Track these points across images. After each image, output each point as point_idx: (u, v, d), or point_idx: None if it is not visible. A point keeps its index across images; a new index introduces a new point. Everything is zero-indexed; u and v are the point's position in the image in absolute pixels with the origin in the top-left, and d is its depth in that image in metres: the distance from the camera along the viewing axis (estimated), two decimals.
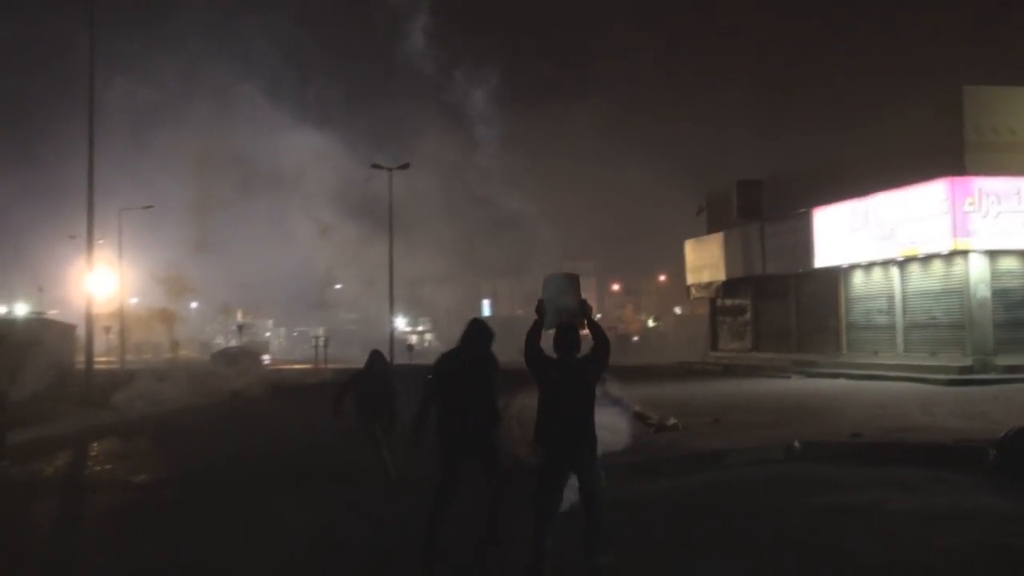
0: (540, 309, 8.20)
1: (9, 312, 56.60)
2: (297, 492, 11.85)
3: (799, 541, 8.78)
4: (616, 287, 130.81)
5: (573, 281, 8.39)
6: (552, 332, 8.14)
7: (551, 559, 7.70)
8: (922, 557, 8.01)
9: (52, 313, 56.26)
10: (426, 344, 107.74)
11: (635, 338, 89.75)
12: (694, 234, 43.31)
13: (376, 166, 50.83)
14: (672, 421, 16.58)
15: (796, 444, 13.86)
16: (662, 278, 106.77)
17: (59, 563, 8.61)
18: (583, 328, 8.23)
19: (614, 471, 12.09)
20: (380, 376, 12.50)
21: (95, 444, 16.89)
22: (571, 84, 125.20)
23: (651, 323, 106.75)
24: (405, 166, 51.52)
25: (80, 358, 26.93)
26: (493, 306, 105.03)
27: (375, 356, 12.93)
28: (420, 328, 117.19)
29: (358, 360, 12.99)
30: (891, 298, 29.41)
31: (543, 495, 7.80)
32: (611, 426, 12.21)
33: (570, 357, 7.99)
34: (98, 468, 14.38)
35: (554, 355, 8.04)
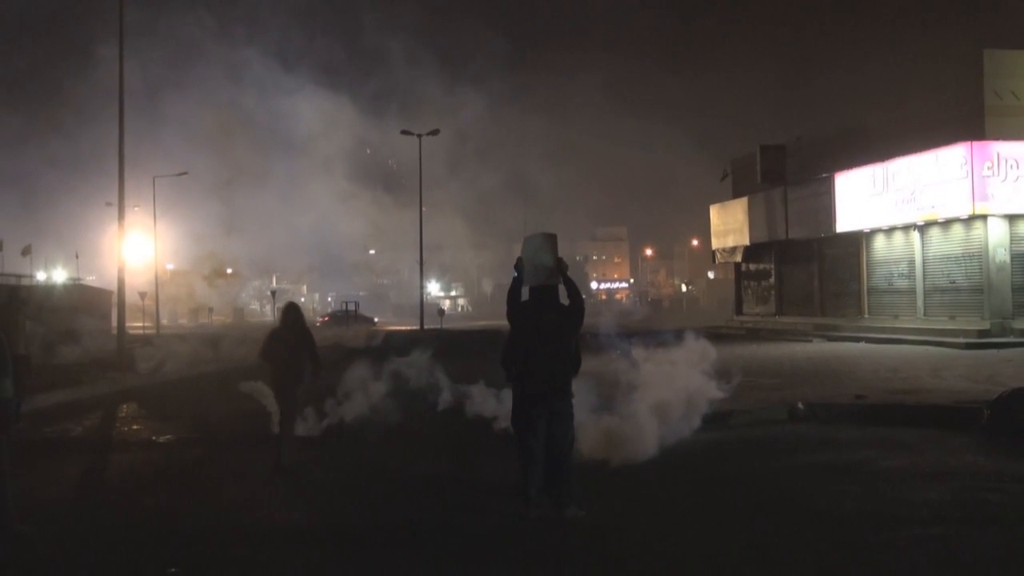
0: (519, 267, 8.66)
1: (48, 278, 57.67)
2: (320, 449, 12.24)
3: (781, 496, 9.09)
4: (649, 252, 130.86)
5: (551, 240, 8.78)
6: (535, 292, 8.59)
7: (537, 506, 8.18)
8: (896, 510, 8.30)
9: (90, 279, 57.21)
10: (459, 309, 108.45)
11: (666, 303, 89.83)
12: (720, 199, 43.39)
13: (406, 132, 50.98)
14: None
15: (799, 405, 14.20)
16: (695, 243, 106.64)
17: (75, 515, 9.03)
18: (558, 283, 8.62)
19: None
20: (298, 331, 11.33)
21: (124, 406, 17.26)
22: (598, 50, 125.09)
23: (684, 288, 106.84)
24: (435, 132, 51.60)
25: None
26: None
27: (288, 309, 11.76)
28: (453, 293, 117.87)
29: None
30: (911, 262, 29.55)
31: (523, 443, 8.27)
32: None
33: (546, 314, 8.43)
34: (125, 429, 14.77)
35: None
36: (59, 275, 61.45)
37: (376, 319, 64.11)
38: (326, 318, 62.65)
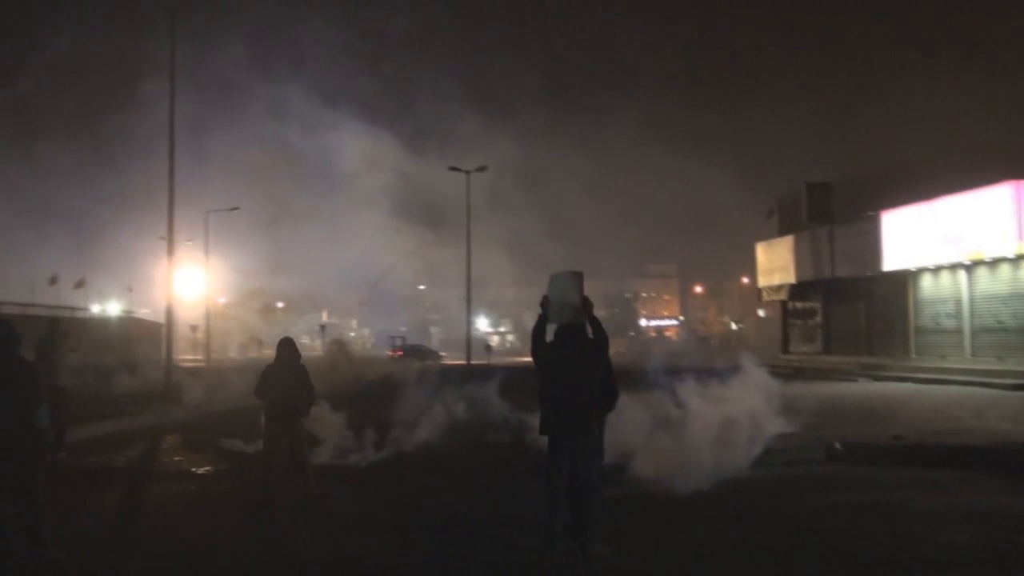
0: (544, 304, 8.72)
1: (101, 311, 58.59)
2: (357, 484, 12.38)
3: (814, 536, 9.11)
4: (699, 289, 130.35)
5: (577, 279, 8.82)
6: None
7: (561, 540, 8.23)
8: (925, 552, 8.31)
9: (143, 312, 58.14)
10: (507, 345, 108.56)
11: (713, 341, 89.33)
12: (767, 237, 43.31)
13: (454, 168, 51.33)
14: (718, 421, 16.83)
15: (836, 445, 14.10)
16: (744, 280, 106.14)
17: (111, 544, 9.19)
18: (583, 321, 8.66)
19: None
20: (294, 366, 11.22)
21: (167, 437, 17.50)
22: (639, 87, 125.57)
23: (733, 325, 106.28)
24: (483, 168, 51.93)
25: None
26: None
27: (283, 345, 11.55)
28: (502, 329, 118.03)
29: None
30: (959, 302, 29.32)
31: (551, 480, 8.33)
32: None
33: (570, 352, 8.48)
34: (166, 460, 14.99)
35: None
36: (113, 308, 62.37)
37: (443, 354, 64.70)
38: (400, 352, 63.34)
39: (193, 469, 13.69)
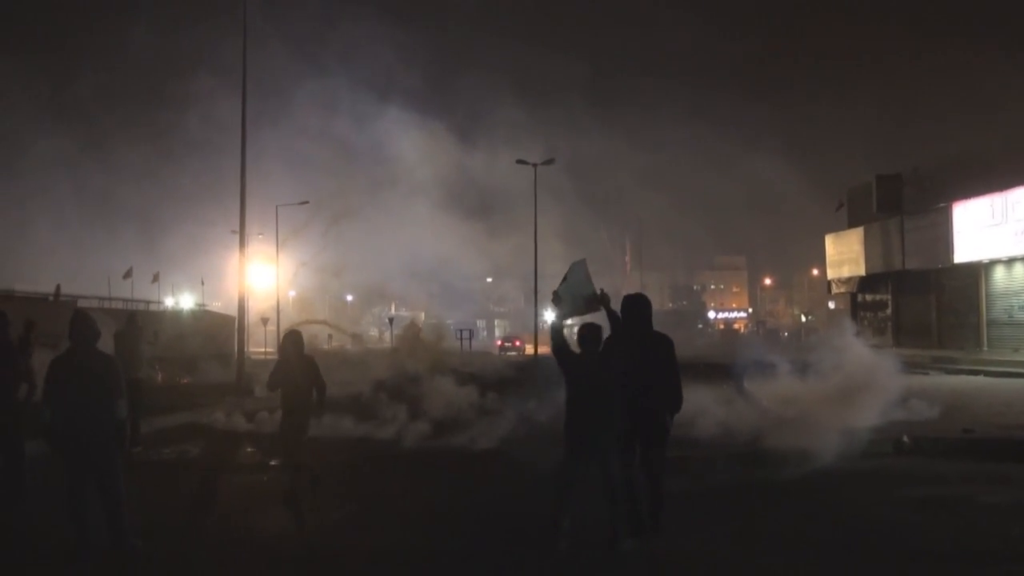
0: (557, 299, 8.76)
1: (175, 304, 59.62)
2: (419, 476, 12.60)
3: (877, 528, 9.12)
4: (768, 281, 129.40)
5: (583, 267, 8.86)
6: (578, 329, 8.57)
7: (571, 538, 8.24)
8: (994, 546, 8.29)
9: (215, 305, 58.99)
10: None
11: (785, 333, 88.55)
12: (836, 229, 42.98)
13: (521, 161, 51.31)
14: (788, 414, 16.80)
15: (905, 439, 13.96)
16: (814, 272, 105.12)
17: (186, 533, 9.42)
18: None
19: (723, 461, 12.76)
20: (300, 359, 10.91)
21: (239, 431, 17.65)
22: (708, 80, 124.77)
23: (803, 318, 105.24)
24: (550, 162, 51.85)
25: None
26: None
27: (287, 337, 11.40)
28: (568, 321, 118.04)
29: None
30: None
31: (563, 480, 8.35)
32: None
33: (592, 351, 8.44)
34: (238, 451, 15.23)
35: (578, 349, 8.50)
36: (186, 301, 63.38)
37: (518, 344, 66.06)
38: (501, 343, 67.76)
39: (267, 460, 13.93)
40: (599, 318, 8.84)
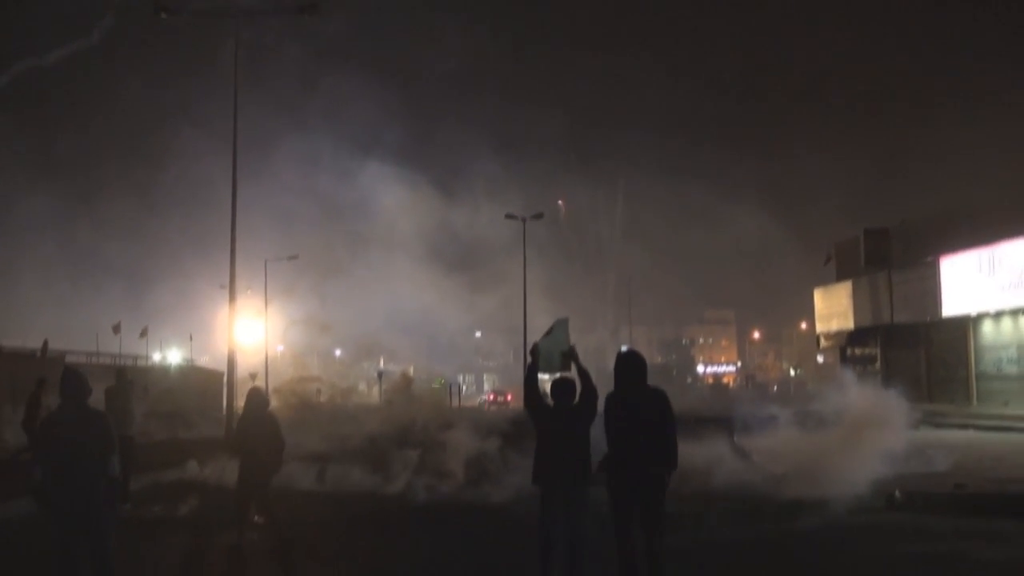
0: (535, 353, 8.78)
1: (163, 359, 59.51)
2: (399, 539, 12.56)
3: None
4: (757, 335, 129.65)
5: (563, 326, 8.94)
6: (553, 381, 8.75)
7: None
8: None
9: (203, 360, 58.90)
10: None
11: (774, 387, 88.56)
12: (824, 282, 43.25)
13: (510, 216, 51.48)
14: (780, 470, 16.81)
15: (897, 494, 13.92)
16: (803, 326, 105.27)
17: None
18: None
19: (716, 516, 12.75)
20: (262, 418, 11.26)
21: (228, 488, 17.57)
22: (698, 134, 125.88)
23: (792, 372, 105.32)
24: (539, 216, 52.09)
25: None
26: None
27: (251, 396, 11.62)
28: (558, 375, 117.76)
29: None
30: (1021, 347, 29.05)
31: (542, 534, 8.35)
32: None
33: (564, 404, 8.53)
34: (226, 507, 15.15)
35: (551, 403, 8.61)
36: (174, 356, 63.28)
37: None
38: (493, 396, 67.56)
39: (253, 518, 13.85)
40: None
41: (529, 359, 8.90)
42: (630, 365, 8.40)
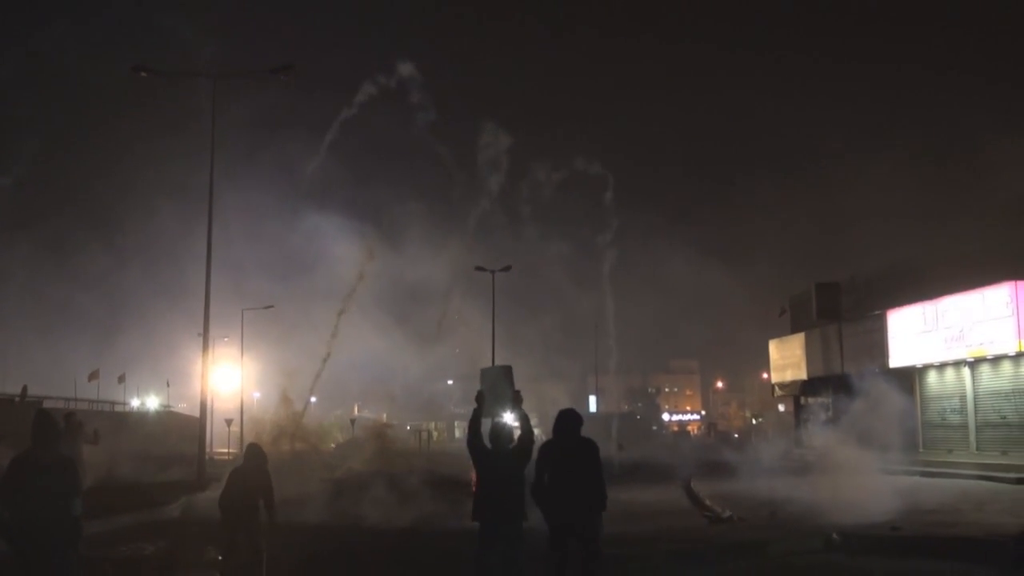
0: (480, 399, 9.65)
1: (141, 405, 59.90)
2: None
3: None
4: (720, 384, 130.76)
5: (507, 373, 9.80)
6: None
7: None
8: None
9: (180, 407, 59.27)
10: (536, 437, 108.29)
11: (736, 435, 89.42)
12: (781, 334, 44.17)
13: (480, 268, 52.23)
14: (728, 513, 17.64)
15: (835, 536, 14.51)
16: (764, 376, 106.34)
17: None
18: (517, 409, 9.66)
19: (661, 557, 13.56)
20: (257, 474, 11.74)
21: (195, 527, 17.44)
22: (654, 187, 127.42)
23: (754, 420, 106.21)
24: (507, 268, 52.89)
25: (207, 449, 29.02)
26: (600, 402, 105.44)
27: (251, 450, 12.32)
28: (495, 419, 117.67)
29: None
30: (963, 398, 30.01)
31: (479, 566, 9.21)
32: None
33: (502, 448, 9.44)
34: (191, 549, 15.22)
35: (489, 445, 9.47)
36: (151, 402, 63.62)
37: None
38: None
39: (219, 557, 14.37)
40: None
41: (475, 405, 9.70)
42: (568, 419, 9.55)
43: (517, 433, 9.65)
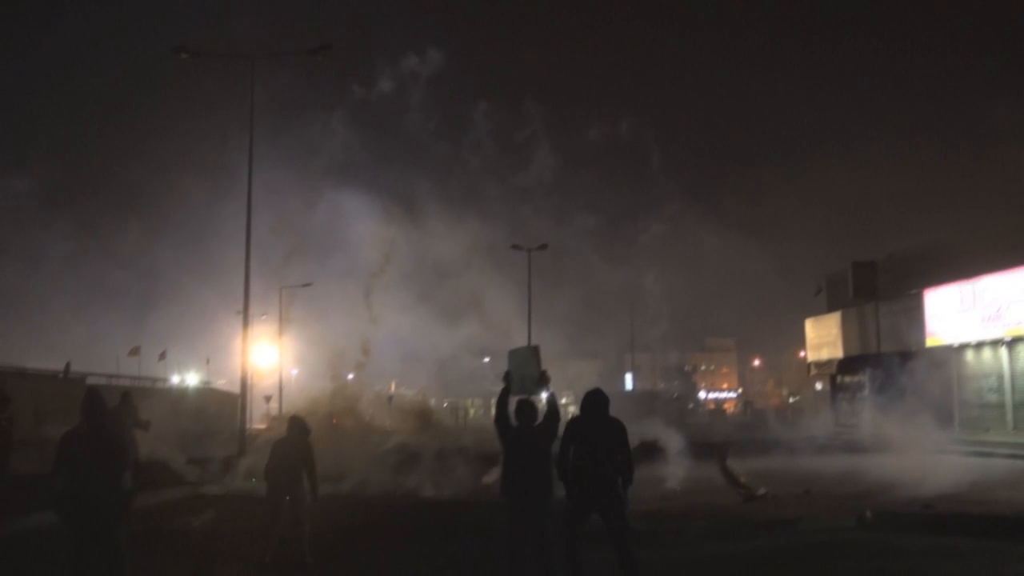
0: (507, 378, 9.80)
1: (181, 382, 60.62)
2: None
3: None
4: (757, 363, 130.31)
5: (535, 353, 9.91)
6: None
7: None
8: None
9: (220, 383, 59.88)
10: (569, 415, 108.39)
11: (772, 413, 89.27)
12: (817, 313, 44.05)
13: (516, 247, 52.36)
14: (762, 491, 17.74)
15: (868, 513, 14.58)
16: (801, 354, 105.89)
17: None
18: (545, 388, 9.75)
19: (695, 533, 13.74)
20: (299, 446, 12.02)
21: (235, 502, 17.92)
22: (686, 162, 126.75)
23: (791, 399, 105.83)
24: (543, 247, 52.98)
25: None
26: (635, 380, 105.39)
27: (293, 422, 12.55)
28: (563, 400, 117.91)
29: None
30: (1000, 377, 29.91)
31: (509, 541, 9.37)
32: None
33: (527, 424, 9.59)
34: (232, 523, 15.41)
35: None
36: (191, 379, 64.39)
37: None
38: None
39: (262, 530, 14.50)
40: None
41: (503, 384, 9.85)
42: (594, 400, 9.74)
43: (544, 411, 9.79)
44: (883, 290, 36.51)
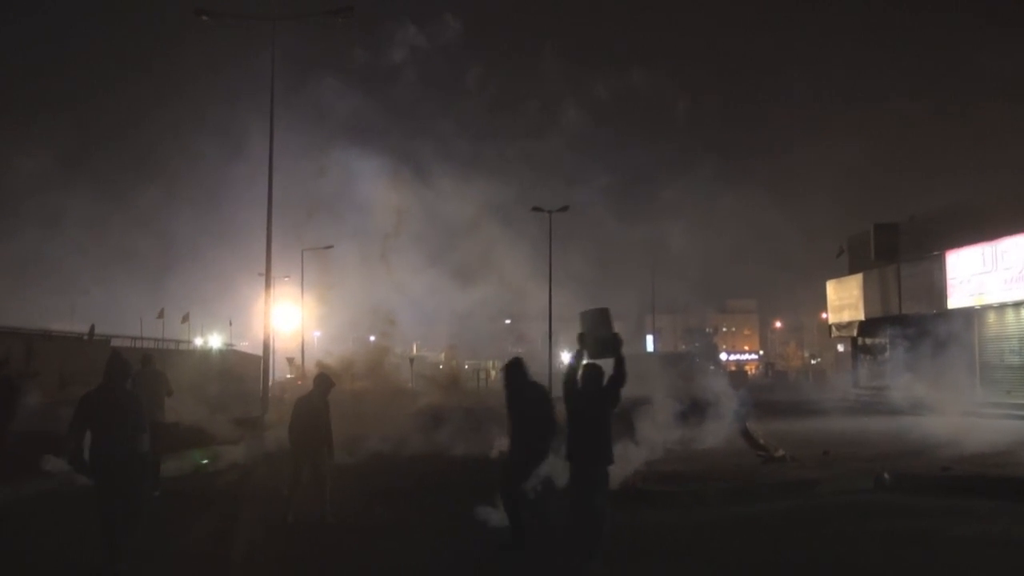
0: (582, 340, 9.74)
1: (204, 344, 61.09)
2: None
3: (842, 559, 9.93)
4: (778, 324, 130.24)
5: (605, 315, 9.84)
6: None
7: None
8: (948, 574, 9.27)
9: (242, 345, 60.34)
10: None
11: (792, 375, 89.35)
12: (838, 275, 43.90)
13: (536, 209, 52.28)
14: (781, 452, 17.78)
15: (886, 476, 14.68)
16: (823, 316, 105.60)
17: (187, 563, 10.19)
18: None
19: (714, 494, 13.85)
20: (320, 405, 12.29)
21: (261, 464, 18.20)
22: (713, 127, 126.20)
23: (812, 361, 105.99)
24: (564, 209, 52.89)
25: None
26: (657, 341, 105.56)
27: (319, 379, 12.76)
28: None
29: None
30: (1022, 339, 29.81)
31: (576, 510, 9.29)
32: None
33: (593, 389, 9.48)
34: (258, 484, 15.75)
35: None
36: (214, 341, 64.87)
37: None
38: None
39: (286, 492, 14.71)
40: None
41: (576, 347, 9.79)
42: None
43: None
44: (904, 252, 36.33)
